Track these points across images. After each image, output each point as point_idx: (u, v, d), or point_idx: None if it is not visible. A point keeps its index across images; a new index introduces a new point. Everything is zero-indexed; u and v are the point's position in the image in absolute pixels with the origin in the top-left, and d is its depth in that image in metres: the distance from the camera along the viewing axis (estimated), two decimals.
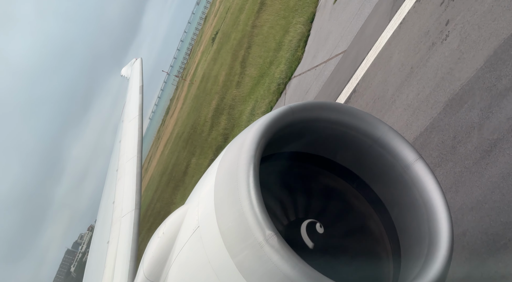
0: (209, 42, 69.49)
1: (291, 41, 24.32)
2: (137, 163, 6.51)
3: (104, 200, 7.25)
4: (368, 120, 2.77)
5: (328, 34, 18.79)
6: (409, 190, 2.73)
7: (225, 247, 2.25)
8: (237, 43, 38.28)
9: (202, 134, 38.33)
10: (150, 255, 3.00)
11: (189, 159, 40.79)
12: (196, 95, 55.69)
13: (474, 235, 5.42)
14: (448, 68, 7.83)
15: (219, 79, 40.20)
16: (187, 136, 46.56)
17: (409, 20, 10.81)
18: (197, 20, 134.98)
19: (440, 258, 2.38)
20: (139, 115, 7.71)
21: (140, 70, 9.85)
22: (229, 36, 46.39)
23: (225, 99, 34.76)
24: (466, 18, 8.08)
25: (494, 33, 7.04)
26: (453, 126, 6.84)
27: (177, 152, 50.07)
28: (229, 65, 37.73)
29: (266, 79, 26.15)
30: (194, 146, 40.58)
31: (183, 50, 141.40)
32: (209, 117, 37.62)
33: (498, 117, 6.05)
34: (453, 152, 6.57)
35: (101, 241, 5.99)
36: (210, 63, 53.54)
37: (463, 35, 7.85)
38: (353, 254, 2.92)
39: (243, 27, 38.74)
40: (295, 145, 2.99)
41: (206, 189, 2.51)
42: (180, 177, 41.69)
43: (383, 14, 12.72)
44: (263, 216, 2.13)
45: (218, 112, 35.28)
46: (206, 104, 41.81)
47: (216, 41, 58.72)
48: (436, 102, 7.63)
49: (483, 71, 6.80)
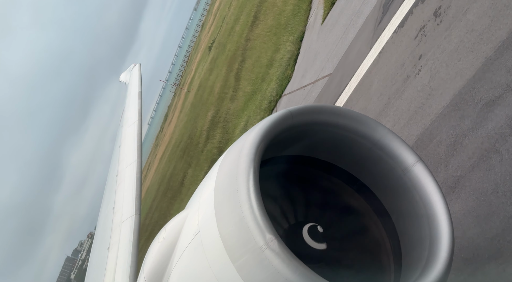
0: (206, 50, 70.33)
1: (282, 58, 25.09)
2: (137, 168, 6.50)
3: (104, 205, 7.23)
4: (367, 123, 2.78)
5: (316, 54, 19.53)
6: (409, 192, 2.73)
7: (226, 251, 2.24)
8: (232, 55, 38.93)
9: (198, 146, 38.97)
10: (151, 260, 2.99)
11: (185, 169, 41.44)
12: (193, 104, 56.30)
13: None
14: (420, 102, 8.33)
15: (215, 90, 40.86)
16: (184, 146, 47.10)
17: (387, 50, 11.35)
18: (194, 27, 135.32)
19: (441, 260, 2.38)
20: (138, 121, 7.71)
21: (139, 76, 9.86)
22: (224, 46, 47.02)
23: (220, 112, 35.47)
24: (436, 55, 8.61)
25: (459, 72, 7.53)
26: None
27: (175, 161, 50.58)
28: (224, 77, 38.41)
29: (258, 96, 26.86)
30: (191, 157, 41.19)
31: (180, 56, 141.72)
32: (205, 129, 38.28)
33: (461, 156, 6.50)
34: None
35: (101, 247, 5.97)
36: (207, 72, 54.20)
37: (433, 72, 8.34)
38: (354, 257, 2.92)
39: (237, 39, 39.40)
40: (295, 148, 2.99)
41: (206, 193, 2.51)
42: (177, 187, 42.28)
43: (365, 41, 13.30)
44: (264, 220, 2.13)
45: (214, 124, 36.01)
46: (202, 115, 42.40)
47: (213, 50, 59.47)
48: (409, 135, 8.08)
49: (449, 109, 7.29)
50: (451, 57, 8.00)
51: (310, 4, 25.87)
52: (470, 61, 7.38)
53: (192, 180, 36.68)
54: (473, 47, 7.50)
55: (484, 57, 7.09)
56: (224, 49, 46.25)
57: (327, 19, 19.82)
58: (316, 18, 22.21)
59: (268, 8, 34.14)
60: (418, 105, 8.31)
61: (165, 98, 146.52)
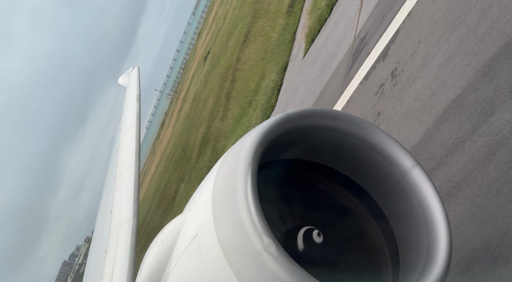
0: (202, 61, 71.37)
1: (267, 87, 26.05)
2: (135, 171, 6.48)
3: (102, 209, 7.21)
4: (365, 127, 2.78)
5: (296, 88, 20.53)
6: (407, 196, 2.73)
7: (224, 255, 2.24)
8: (224, 72, 39.85)
9: (190, 161, 39.94)
10: (148, 264, 2.99)
11: (178, 183, 42.35)
12: (188, 115, 57.12)
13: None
14: None
15: (208, 106, 41.81)
16: (178, 158, 47.94)
17: (354, 100, 11.95)
18: (192, 32, 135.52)
19: (439, 264, 2.38)
20: (136, 124, 7.70)
21: (137, 79, 9.84)
22: (218, 60, 47.87)
23: (211, 130, 36.56)
24: (390, 115, 9.14)
25: (407, 138, 8.02)
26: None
27: (169, 172, 51.24)
28: (217, 93, 39.37)
29: (245, 120, 27.79)
30: (183, 171, 42.11)
31: (179, 60, 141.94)
32: (197, 144, 39.25)
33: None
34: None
35: (99, 251, 5.94)
36: (201, 84, 55.11)
37: (387, 131, 8.82)
38: (352, 261, 2.92)
39: (230, 56, 40.27)
40: (293, 152, 2.99)
41: (204, 197, 2.51)
42: (170, 201, 42.97)
43: (337, 86, 14.01)
44: (261, 224, 2.13)
45: (205, 141, 37.01)
46: (195, 129, 43.34)
47: (207, 62, 60.49)
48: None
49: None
50: (402, 121, 8.56)
51: (294, 35, 26.98)
52: (415, 129, 7.93)
53: (183, 196, 37.72)
54: (418, 116, 8.08)
55: (426, 127, 7.66)
56: (217, 63, 47.25)
57: (308, 54, 20.74)
58: (299, 51, 23.19)
59: (257, 31, 35.12)
60: None
61: (162, 102, 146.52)
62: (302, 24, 25.13)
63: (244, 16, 41.02)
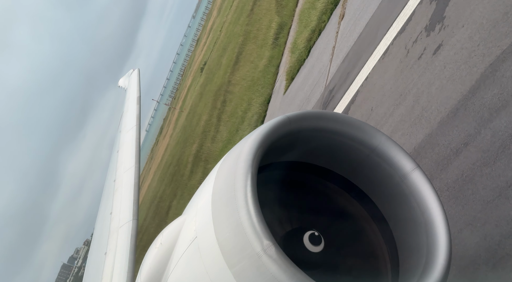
0: (198, 71, 72.17)
1: (252, 117, 26.80)
2: (134, 173, 6.48)
3: (102, 210, 7.20)
4: (365, 129, 2.78)
5: None
6: (406, 199, 2.73)
7: (223, 257, 2.24)
8: (217, 89, 40.77)
9: (183, 177, 40.73)
10: (148, 266, 2.98)
11: (171, 198, 43.03)
12: (184, 126, 57.94)
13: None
14: None
15: (201, 122, 42.65)
16: (173, 170, 48.69)
17: None
18: (193, 31, 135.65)
19: (439, 267, 2.38)
20: (136, 126, 7.70)
21: (138, 81, 9.85)
22: (213, 75, 48.65)
23: (203, 149, 37.48)
24: None
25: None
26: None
27: (165, 184, 51.80)
28: (209, 112, 40.23)
29: (231, 147, 28.11)
30: (177, 187, 42.91)
31: (178, 63, 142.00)
32: (190, 161, 40.14)
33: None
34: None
35: (99, 252, 5.93)
36: (197, 97, 55.78)
37: None
38: (351, 264, 2.91)
39: (223, 74, 41.03)
40: (293, 155, 2.99)
41: (204, 199, 2.51)
42: (164, 215, 43.49)
43: None
44: (261, 226, 2.13)
45: (197, 159, 38.01)
46: (189, 144, 44.20)
47: (204, 73, 61.22)
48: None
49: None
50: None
51: (278, 68, 27.68)
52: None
53: (175, 213, 38.20)
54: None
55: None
56: (212, 78, 48.05)
57: (288, 92, 21.35)
58: (281, 86, 23.83)
59: (247, 55, 35.85)
60: None
61: (161, 108, 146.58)
62: (285, 59, 25.89)
63: (237, 35, 41.87)
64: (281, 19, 30.07)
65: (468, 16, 7.91)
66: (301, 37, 21.91)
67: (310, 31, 20.62)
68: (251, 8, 40.61)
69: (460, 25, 8.02)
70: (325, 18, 19.39)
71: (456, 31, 8.09)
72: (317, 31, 19.84)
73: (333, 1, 19.04)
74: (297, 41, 22.35)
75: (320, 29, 19.64)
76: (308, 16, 21.95)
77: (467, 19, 7.90)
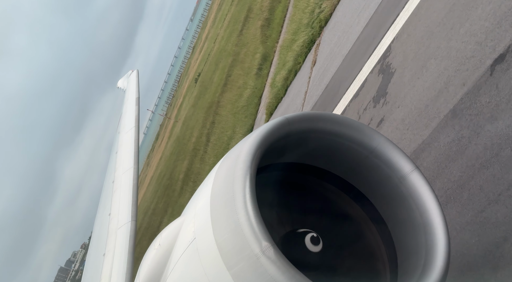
0: (193, 82, 72.25)
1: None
2: (133, 174, 6.46)
3: (100, 212, 7.19)
4: (364, 131, 2.78)
5: None
6: (405, 200, 2.73)
7: (222, 258, 2.23)
8: (208, 107, 41.32)
9: (174, 193, 41.31)
10: (147, 267, 2.98)
11: (163, 214, 43.42)
12: (178, 137, 57.95)
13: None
14: None
15: (192, 139, 43.20)
16: (166, 183, 48.93)
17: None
18: (191, 33, 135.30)
19: (437, 269, 2.38)
20: (135, 127, 7.68)
21: (137, 82, 9.84)
22: (205, 89, 49.05)
23: (193, 167, 38.21)
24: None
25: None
26: None
27: (157, 197, 51.94)
28: (200, 129, 40.98)
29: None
30: (168, 203, 43.13)
31: (176, 66, 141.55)
32: (180, 178, 40.72)
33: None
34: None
35: (97, 254, 5.92)
36: (191, 109, 56.05)
37: None
38: (350, 265, 2.91)
39: (214, 91, 41.61)
40: (292, 156, 2.98)
41: (202, 200, 2.50)
42: (155, 230, 44.11)
43: None
44: (260, 227, 2.12)
45: (187, 177, 38.62)
46: (181, 159, 44.87)
47: (198, 85, 61.33)
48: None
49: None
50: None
51: (260, 99, 28.37)
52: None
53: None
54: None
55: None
56: (205, 92, 48.52)
57: None
58: (261, 119, 24.54)
59: (235, 78, 36.47)
60: None
61: (160, 109, 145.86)
62: (266, 92, 26.50)
63: (228, 53, 42.34)
64: (264, 49, 31.07)
65: (403, 98, 8.39)
66: (279, 74, 22.94)
67: (287, 71, 21.62)
68: (241, 29, 41.09)
69: (396, 105, 8.59)
70: (300, 60, 20.51)
71: (394, 110, 8.55)
72: (293, 71, 20.91)
73: (307, 45, 20.17)
74: (276, 78, 23.39)
75: (296, 70, 20.67)
76: (286, 55, 23.08)
77: (402, 101, 8.38)
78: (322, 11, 20.09)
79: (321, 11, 20.32)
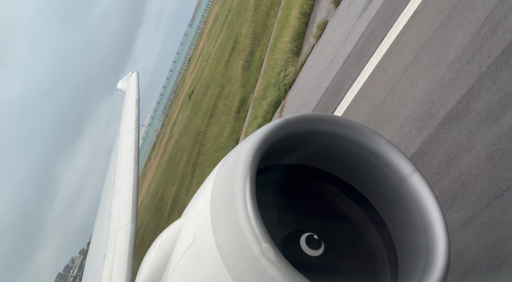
0: (187, 98, 71.24)
1: None
2: (133, 175, 6.45)
3: (100, 213, 7.18)
4: (364, 132, 2.78)
5: None
6: (405, 202, 2.73)
7: (222, 260, 2.23)
8: (196, 134, 41.35)
9: (163, 217, 41.34)
10: (147, 268, 2.98)
11: (153, 236, 42.21)
12: (171, 155, 57.47)
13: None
14: None
15: (181, 164, 43.54)
16: (157, 204, 48.90)
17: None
18: (189, 40, 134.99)
19: (438, 270, 2.37)
20: (135, 128, 7.67)
21: (137, 84, 9.83)
22: (197, 111, 48.58)
23: (180, 195, 38.25)
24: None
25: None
26: None
27: (149, 216, 51.79)
28: (188, 155, 41.31)
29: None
30: (157, 226, 42.77)
31: (175, 72, 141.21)
32: (169, 203, 40.75)
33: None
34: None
35: (97, 255, 5.91)
36: (183, 128, 55.61)
37: None
38: (350, 266, 2.91)
39: (202, 119, 41.59)
40: (292, 157, 2.99)
41: (203, 202, 2.50)
42: (146, 248, 43.08)
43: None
44: (260, 229, 2.12)
45: (174, 203, 38.70)
46: (171, 183, 45.04)
47: (190, 103, 60.61)
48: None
49: None
50: None
51: (237, 143, 28.99)
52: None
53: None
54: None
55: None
56: (196, 114, 48.21)
57: None
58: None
59: (218, 114, 36.56)
60: None
61: (160, 110, 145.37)
62: (242, 138, 26.71)
63: (216, 81, 42.18)
64: (243, 93, 31.32)
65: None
66: (251, 127, 23.54)
67: (257, 126, 21.88)
68: (228, 58, 40.75)
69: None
70: (268, 117, 21.10)
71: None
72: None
73: (274, 104, 20.93)
74: (248, 130, 23.97)
75: None
76: (258, 109, 23.57)
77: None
78: (287, 76, 21.01)
79: (286, 74, 21.22)
